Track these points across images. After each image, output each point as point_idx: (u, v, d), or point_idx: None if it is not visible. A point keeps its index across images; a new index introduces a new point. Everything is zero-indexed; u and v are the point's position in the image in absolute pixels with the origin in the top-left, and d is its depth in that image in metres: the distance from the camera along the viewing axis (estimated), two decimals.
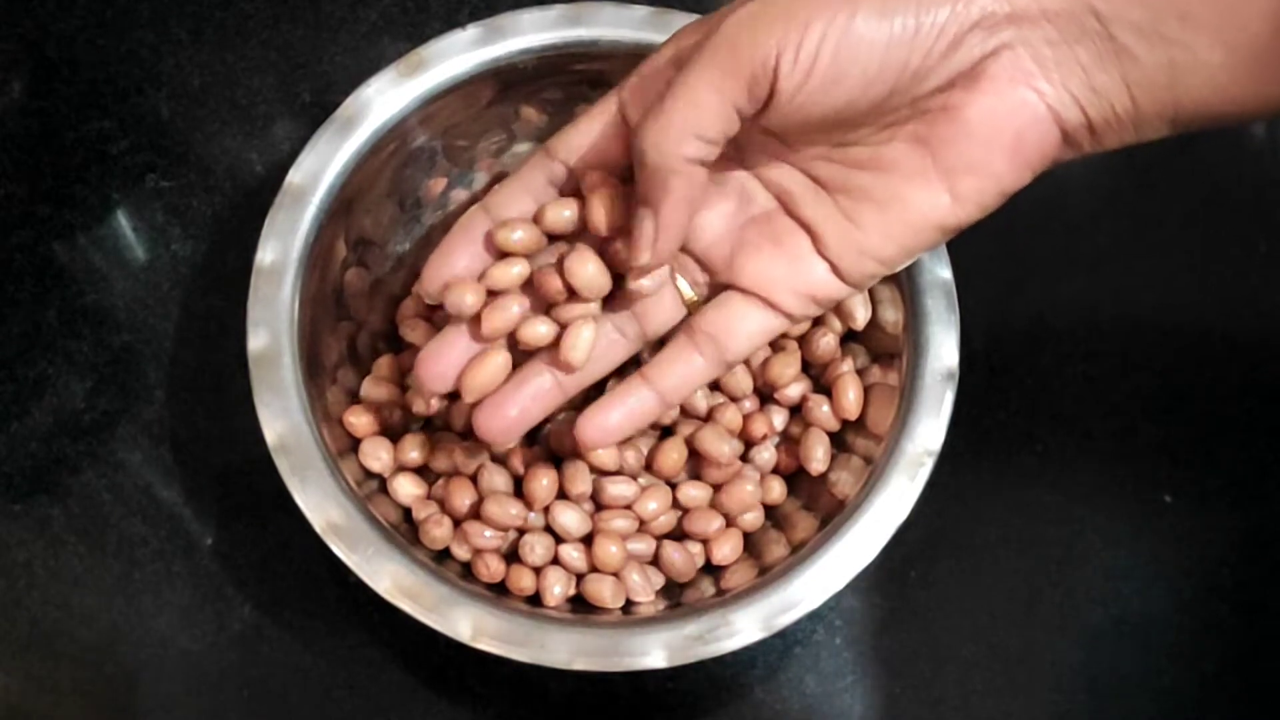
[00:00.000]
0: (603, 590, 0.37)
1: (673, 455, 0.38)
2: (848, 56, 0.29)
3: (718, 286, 0.34)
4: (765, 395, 0.40)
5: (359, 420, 0.38)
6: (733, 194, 0.34)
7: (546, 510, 0.37)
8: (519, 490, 0.38)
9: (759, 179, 0.34)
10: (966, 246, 0.38)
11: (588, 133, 0.33)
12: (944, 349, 0.37)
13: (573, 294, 0.33)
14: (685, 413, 0.40)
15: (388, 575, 0.34)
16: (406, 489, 0.38)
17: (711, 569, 0.39)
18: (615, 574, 0.37)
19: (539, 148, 0.33)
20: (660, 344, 0.35)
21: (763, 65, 0.29)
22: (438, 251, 0.34)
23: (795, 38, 0.28)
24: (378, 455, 0.38)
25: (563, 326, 0.33)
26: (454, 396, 0.40)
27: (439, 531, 0.37)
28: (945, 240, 0.33)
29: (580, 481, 0.37)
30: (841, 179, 0.33)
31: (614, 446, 0.38)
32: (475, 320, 0.33)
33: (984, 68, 0.30)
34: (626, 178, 0.33)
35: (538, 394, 0.34)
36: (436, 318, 0.41)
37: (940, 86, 0.30)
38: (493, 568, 0.37)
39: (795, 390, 0.40)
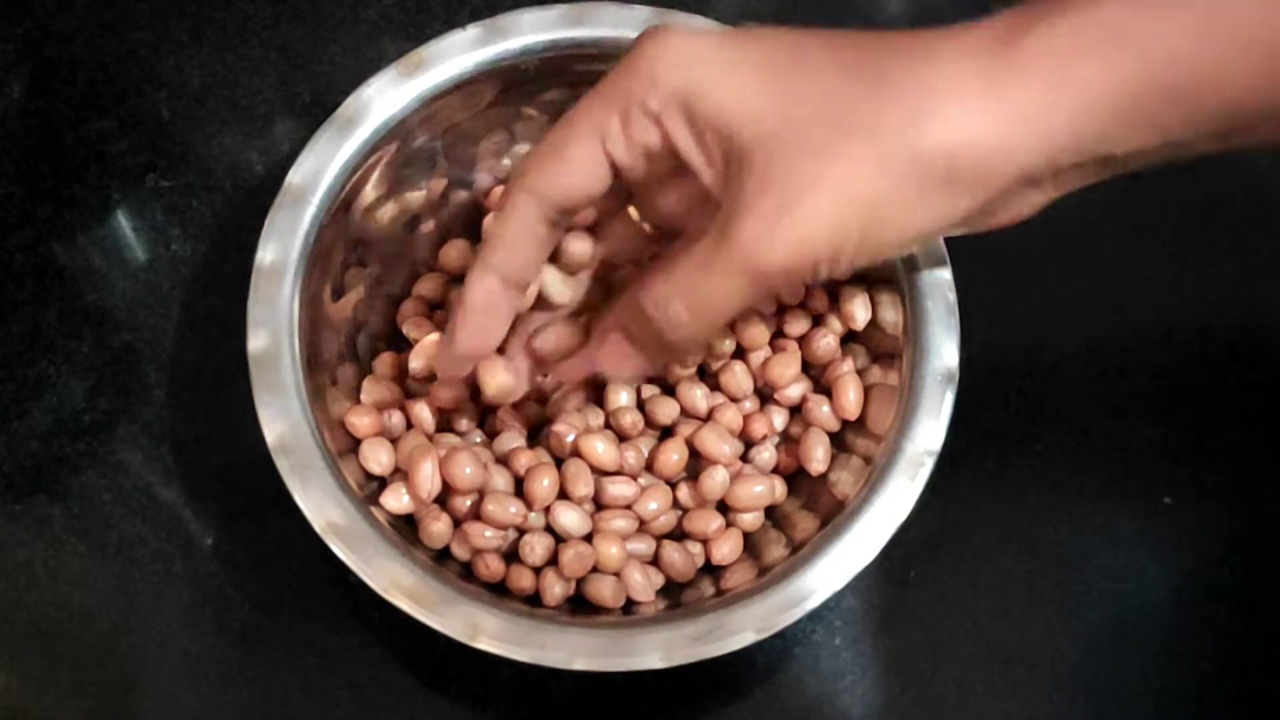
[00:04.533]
0: (603, 590, 0.37)
1: (673, 456, 0.38)
2: (874, 256, 0.30)
3: None
4: (765, 395, 0.40)
5: (360, 421, 0.38)
6: None
7: (547, 510, 0.37)
8: (519, 490, 0.38)
9: None
10: (966, 248, 0.38)
11: (572, 172, 0.32)
12: (944, 349, 0.37)
13: None
14: (685, 413, 0.40)
15: (387, 575, 0.34)
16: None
17: (711, 569, 0.39)
18: (615, 574, 0.37)
19: (516, 183, 0.32)
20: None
21: (797, 286, 0.32)
22: (457, 327, 0.34)
23: (829, 259, 0.29)
24: (378, 457, 0.38)
25: None
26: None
27: (438, 527, 0.37)
28: None
29: (582, 483, 0.37)
30: None
31: (614, 446, 0.38)
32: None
33: None
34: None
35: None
36: (437, 318, 0.41)
37: None
38: (493, 567, 0.37)
39: (795, 390, 0.40)
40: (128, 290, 0.45)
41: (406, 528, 0.37)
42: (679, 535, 0.39)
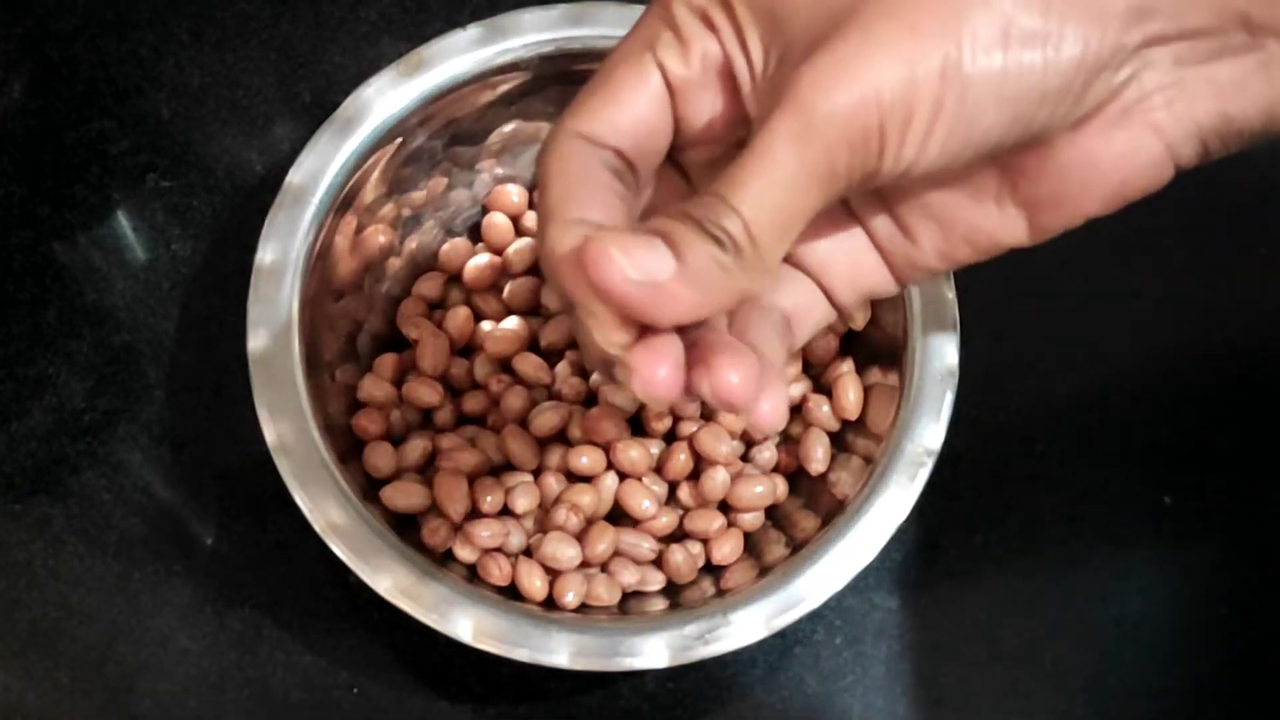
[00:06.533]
0: (599, 589, 0.37)
1: (680, 457, 0.38)
2: (963, 133, 0.23)
3: None
4: None
5: (368, 424, 0.38)
6: None
7: (547, 510, 0.37)
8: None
9: None
10: None
11: (630, 109, 0.26)
12: (944, 349, 0.37)
13: None
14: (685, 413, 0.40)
15: (388, 575, 0.34)
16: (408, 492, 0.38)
17: (712, 569, 0.39)
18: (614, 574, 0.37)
19: (564, 130, 0.26)
20: None
21: (862, 164, 0.23)
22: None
23: (900, 118, 0.23)
24: (380, 460, 0.38)
25: None
26: (456, 393, 0.40)
27: (443, 533, 0.37)
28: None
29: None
30: (894, 187, 0.27)
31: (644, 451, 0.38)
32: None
33: (1100, 105, 0.24)
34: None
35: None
36: (436, 317, 0.41)
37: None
38: (504, 569, 0.37)
39: (795, 390, 0.40)
40: (128, 290, 0.45)
41: (407, 528, 0.37)
42: (680, 535, 0.39)
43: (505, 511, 0.38)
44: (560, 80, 0.40)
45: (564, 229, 0.24)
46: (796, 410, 0.40)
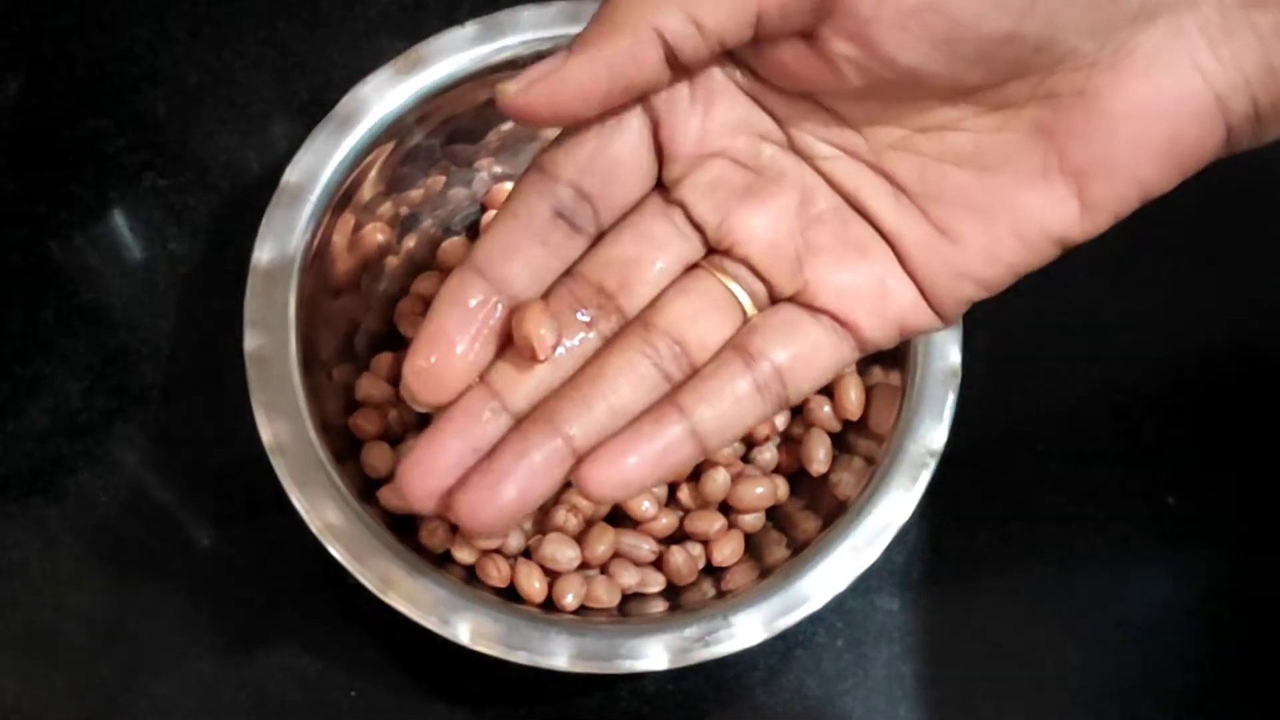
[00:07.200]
0: (598, 590, 0.37)
1: None
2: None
3: (778, 300, 0.27)
4: None
5: (366, 424, 0.38)
6: (790, 187, 0.26)
7: (546, 511, 0.37)
8: None
9: (818, 173, 0.26)
10: None
11: (598, 138, 0.25)
12: (946, 349, 0.37)
13: None
14: None
15: (385, 576, 0.34)
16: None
17: (712, 570, 0.38)
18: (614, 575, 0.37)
19: (529, 167, 0.26)
20: None
21: None
22: (423, 335, 0.25)
23: None
24: (377, 460, 0.38)
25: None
26: None
27: (441, 534, 0.37)
28: (1062, 254, 0.26)
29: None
30: (930, 180, 0.25)
31: None
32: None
33: (1136, 39, 0.23)
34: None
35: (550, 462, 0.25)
36: None
37: (1088, 58, 0.23)
38: (503, 571, 0.36)
39: None
40: (124, 289, 0.44)
41: (404, 529, 0.37)
42: (680, 536, 0.39)
43: None
44: None
45: (457, 274, 0.26)
46: (798, 411, 0.40)
